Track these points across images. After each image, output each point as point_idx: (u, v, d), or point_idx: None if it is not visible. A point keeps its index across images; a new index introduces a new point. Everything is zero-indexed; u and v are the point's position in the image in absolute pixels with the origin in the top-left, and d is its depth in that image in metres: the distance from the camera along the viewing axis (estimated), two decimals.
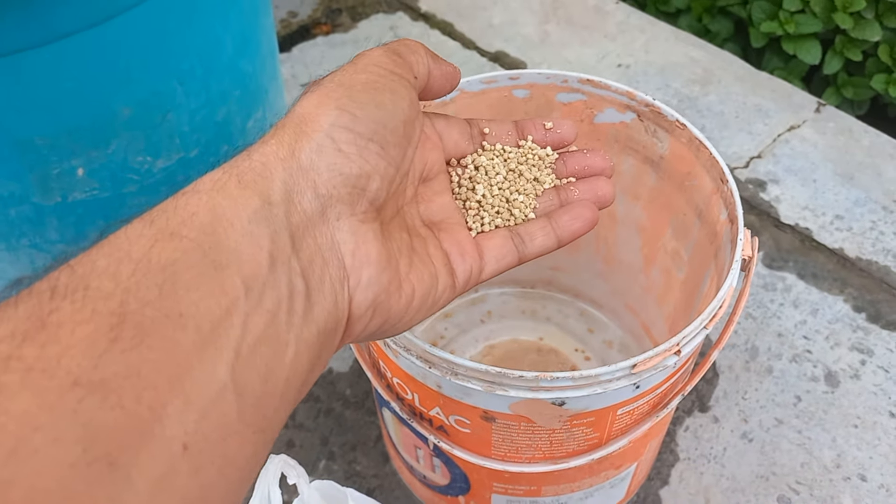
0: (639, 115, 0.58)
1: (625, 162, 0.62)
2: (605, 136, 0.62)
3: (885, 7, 1.12)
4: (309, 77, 1.03)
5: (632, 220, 0.66)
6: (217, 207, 0.27)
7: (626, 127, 0.60)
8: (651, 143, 0.59)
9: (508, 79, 0.60)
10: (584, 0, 1.13)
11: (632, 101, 0.58)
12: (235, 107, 0.66)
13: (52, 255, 0.64)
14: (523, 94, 0.61)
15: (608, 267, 0.71)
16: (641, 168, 0.61)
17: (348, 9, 1.15)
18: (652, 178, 0.61)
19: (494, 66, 1.04)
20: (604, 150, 0.62)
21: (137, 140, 0.59)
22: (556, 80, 0.59)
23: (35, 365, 0.21)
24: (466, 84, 0.60)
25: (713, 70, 1.02)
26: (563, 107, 0.61)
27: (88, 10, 0.49)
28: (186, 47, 0.58)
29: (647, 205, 0.63)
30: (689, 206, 0.58)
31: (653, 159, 0.60)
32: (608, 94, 0.58)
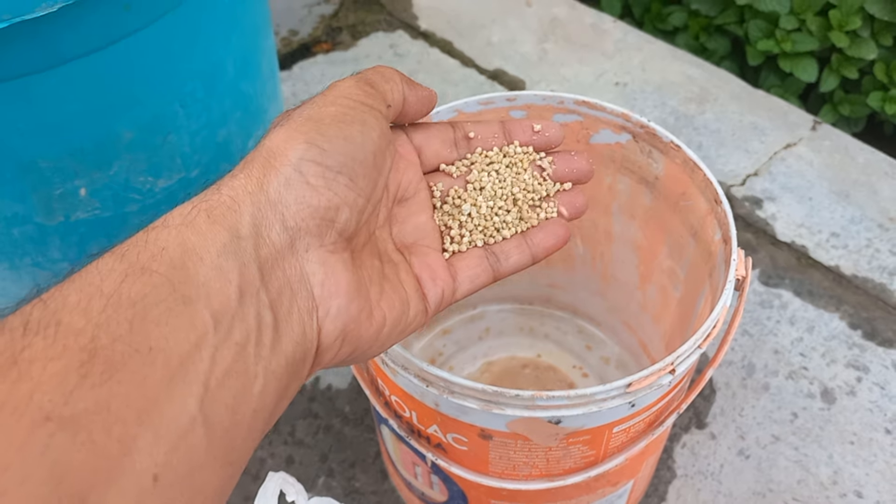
0: (634, 136, 0.59)
1: (620, 182, 0.63)
2: (601, 157, 0.62)
3: (881, 26, 1.14)
4: (309, 95, 1.04)
5: (628, 238, 0.66)
6: (186, 242, 0.28)
7: (622, 148, 0.60)
8: (646, 164, 0.60)
9: (505, 100, 0.61)
10: (581, 19, 1.14)
11: (627, 122, 0.58)
12: (236, 127, 0.67)
13: (55, 274, 0.65)
14: (520, 115, 0.62)
15: (605, 284, 0.72)
16: (637, 188, 0.62)
17: (349, 27, 1.16)
18: (647, 197, 0.62)
19: (493, 84, 1.05)
20: (600, 169, 0.63)
21: (139, 161, 0.60)
22: (553, 101, 0.60)
23: (7, 402, 0.22)
24: (464, 105, 0.60)
25: (710, 88, 1.03)
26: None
27: (93, 35, 0.50)
28: (189, 70, 0.59)
29: (642, 224, 0.64)
30: (683, 226, 0.59)
31: (648, 180, 0.61)
32: (604, 115, 0.59)
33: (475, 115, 0.61)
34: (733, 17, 1.18)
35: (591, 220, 0.68)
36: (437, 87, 1.05)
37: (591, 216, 0.67)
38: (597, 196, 0.65)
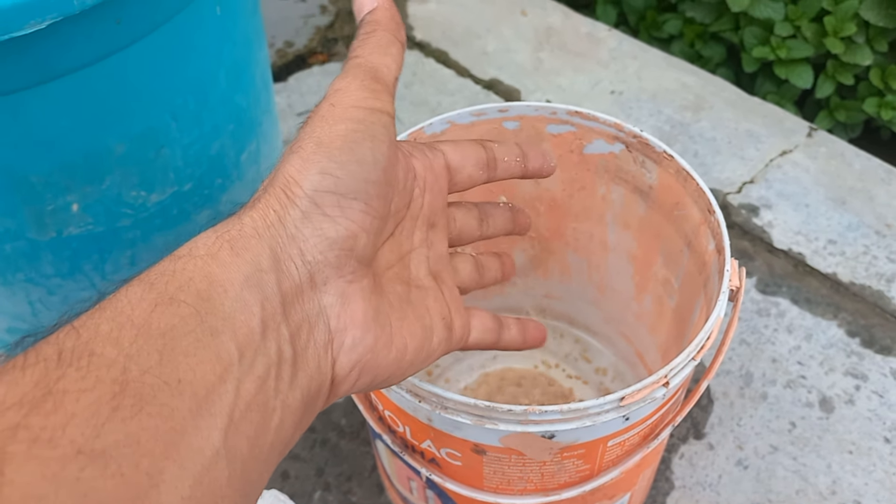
0: (627, 146, 0.59)
1: (615, 191, 0.63)
2: (595, 167, 0.62)
3: (876, 31, 1.14)
4: (305, 106, 1.04)
5: (623, 248, 0.66)
6: (212, 273, 0.28)
7: (615, 157, 0.60)
8: (640, 174, 0.60)
9: (498, 111, 0.61)
10: (576, 27, 1.14)
11: (620, 132, 0.58)
12: (229, 140, 0.66)
13: (48, 289, 0.65)
14: (513, 126, 0.62)
15: (601, 295, 0.72)
16: (631, 197, 0.62)
17: (344, 38, 1.16)
18: (642, 207, 0.62)
19: (488, 94, 1.05)
20: (594, 179, 0.64)
21: (132, 175, 0.59)
22: (545, 111, 0.60)
23: (41, 435, 0.22)
24: (457, 117, 0.60)
25: (705, 96, 1.03)
26: (552, 138, 0.62)
27: (83, 50, 0.50)
28: (181, 83, 0.59)
29: (637, 233, 0.64)
30: (678, 236, 0.58)
31: (642, 189, 0.60)
32: (596, 125, 0.59)
33: (468, 126, 0.61)
34: (728, 24, 1.18)
35: (586, 230, 0.68)
36: (432, 97, 1.05)
37: (587, 226, 0.67)
38: (591, 206, 0.65)
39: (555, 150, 0.63)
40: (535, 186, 0.66)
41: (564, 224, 0.68)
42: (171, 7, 0.54)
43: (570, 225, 0.68)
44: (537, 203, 0.67)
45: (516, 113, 0.61)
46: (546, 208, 0.68)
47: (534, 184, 0.66)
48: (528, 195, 0.67)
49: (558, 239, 0.70)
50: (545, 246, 0.71)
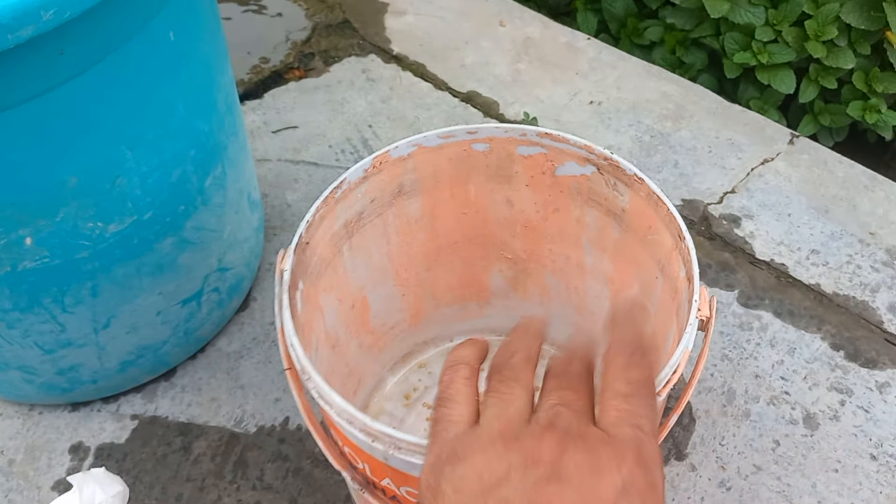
0: (598, 169, 0.58)
1: (589, 214, 0.62)
2: (568, 189, 0.61)
3: (858, 34, 1.12)
4: (280, 124, 1.02)
5: (600, 271, 0.65)
6: None
7: (588, 180, 0.59)
8: (612, 197, 0.58)
9: (466, 133, 0.59)
10: (555, 38, 1.12)
11: (591, 154, 0.57)
12: (191, 167, 0.65)
13: (7, 323, 0.63)
14: (483, 148, 0.61)
15: (581, 317, 0.70)
16: (605, 220, 0.61)
17: (320, 52, 1.15)
18: (616, 230, 0.60)
19: (466, 107, 1.04)
20: (568, 201, 0.62)
21: (87, 207, 0.58)
22: (515, 133, 0.59)
23: None
24: (423, 139, 0.59)
25: (685, 105, 1.01)
26: (523, 160, 0.61)
27: (27, 83, 0.49)
28: (134, 113, 0.57)
29: (613, 257, 0.62)
30: (652, 261, 0.57)
31: (615, 212, 0.59)
32: (567, 147, 0.58)
33: (436, 149, 0.60)
34: (709, 30, 1.17)
35: (563, 252, 0.66)
36: (409, 111, 1.04)
37: (563, 248, 0.66)
38: (566, 229, 0.64)
39: (526, 171, 0.61)
40: (508, 209, 0.65)
41: (541, 246, 0.67)
42: (119, 35, 0.52)
43: (546, 247, 0.67)
44: (512, 225, 0.66)
45: (486, 135, 0.59)
46: (521, 230, 0.66)
47: (507, 206, 0.65)
48: (503, 217, 0.65)
49: (535, 261, 0.68)
50: (523, 267, 0.69)
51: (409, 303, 0.70)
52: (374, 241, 0.63)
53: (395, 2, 1.20)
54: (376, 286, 0.66)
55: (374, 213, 0.61)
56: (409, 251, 0.66)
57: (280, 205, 0.93)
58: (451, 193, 0.63)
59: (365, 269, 0.64)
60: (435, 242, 0.67)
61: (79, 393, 0.74)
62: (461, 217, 0.66)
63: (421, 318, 0.72)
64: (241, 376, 0.77)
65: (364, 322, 0.67)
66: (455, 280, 0.70)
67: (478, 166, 0.62)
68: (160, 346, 0.73)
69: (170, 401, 0.76)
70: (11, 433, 0.74)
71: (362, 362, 0.68)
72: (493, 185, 0.63)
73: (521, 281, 0.70)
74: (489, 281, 0.71)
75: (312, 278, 0.56)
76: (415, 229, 0.65)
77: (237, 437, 0.73)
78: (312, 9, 1.22)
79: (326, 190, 0.56)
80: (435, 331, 0.75)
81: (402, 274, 0.67)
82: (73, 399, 0.75)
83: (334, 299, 0.61)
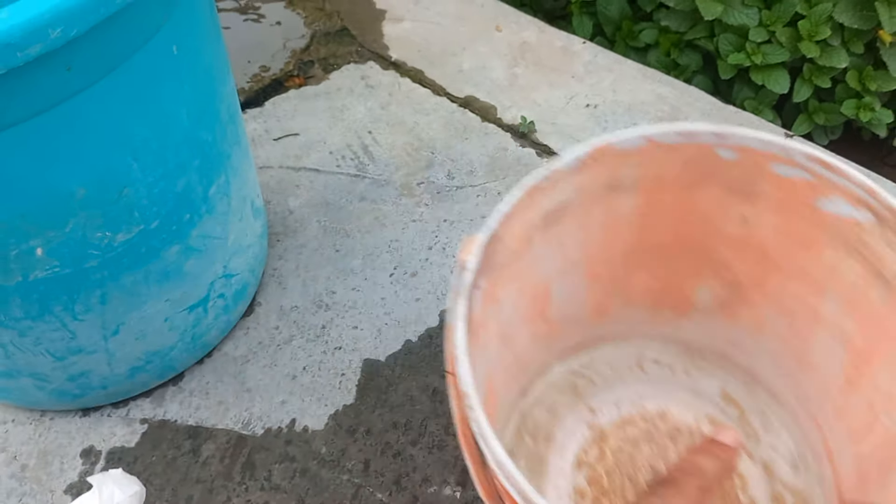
0: (878, 219, 0.49)
1: (845, 263, 0.53)
2: (828, 227, 0.52)
3: (851, 34, 1.14)
4: (281, 132, 1.04)
5: (840, 329, 0.56)
6: None
7: (858, 226, 0.50)
8: (888, 257, 0.49)
9: (713, 135, 0.52)
10: (551, 42, 1.14)
11: (872, 198, 0.49)
12: (195, 176, 0.67)
13: (19, 332, 0.65)
14: (729, 156, 0.53)
15: (797, 366, 0.61)
16: (867, 280, 0.52)
17: (320, 60, 1.16)
18: (878, 295, 0.51)
19: (464, 112, 1.05)
20: (822, 240, 0.53)
21: (95, 217, 0.59)
22: (775, 148, 0.51)
23: None
24: (658, 134, 0.52)
25: (680, 107, 1.03)
26: (778, 180, 0.53)
27: (35, 99, 0.50)
28: (140, 124, 0.59)
29: (863, 322, 0.54)
30: None
31: (886, 276, 0.50)
32: (841, 181, 0.49)
33: (670, 147, 0.53)
34: (703, 31, 1.18)
35: (797, 292, 0.58)
36: (409, 117, 1.05)
37: (799, 289, 0.57)
38: (811, 269, 0.56)
39: (776, 193, 0.53)
40: (742, 227, 0.57)
41: (770, 277, 0.59)
42: (124, 50, 0.54)
43: (776, 279, 0.58)
44: (742, 246, 0.58)
45: (737, 142, 0.52)
46: (752, 253, 0.58)
47: (741, 223, 0.57)
48: (732, 235, 0.58)
49: (758, 290, 0.60)
50: (739, 291, 0.62)
51: (596, 297, 0.64)
52: (571, 234, 0.57)
53: (392, 8, 1.22)
54: (563, 277, 0.60)
55: (578, 206, 0.56)
56: (609, 247, 0.60)
57: (282, 211, 0.94)
58: (676, 197, 0.57)
59: (554, 261, 0.58)
60: (641, 243, 0.60)
61: (89, 398, 0.75)
62: (680, 223, 0.59)
63: (605, 313, 0.66)
64: (248, 380, 0.79)
65: (542, 312, 0.61)
66: (655, 284, 0.64)
67: (716, 174, 0.54)
68: (168, 351, 0.75)
69: (178, 405, 0.77)
70: (24, 439, 0.75)
71: (531, 350, 0.63)
72: (729, 197, 0.56)
73: (734, 305, 0.63)
74: (695, 294, 0.64)
75: (496, 272, 0.51)
76: (622, 226, 0.59)
77: (245, 440, 0.75)
78: (311, 17, 1.23)
79: (530, 179, 0.51)
80: (617, 328, 0.68)
81: (595, 268, 0.62)
82: (83, 404, 0.77)
83: (514, 290, 0.55)
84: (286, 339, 0.82)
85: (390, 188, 0.96)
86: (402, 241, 0.90)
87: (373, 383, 0.78)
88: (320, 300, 0.85)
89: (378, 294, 0.86)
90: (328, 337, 0.82)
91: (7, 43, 0.44)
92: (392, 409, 0.76)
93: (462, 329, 0.45)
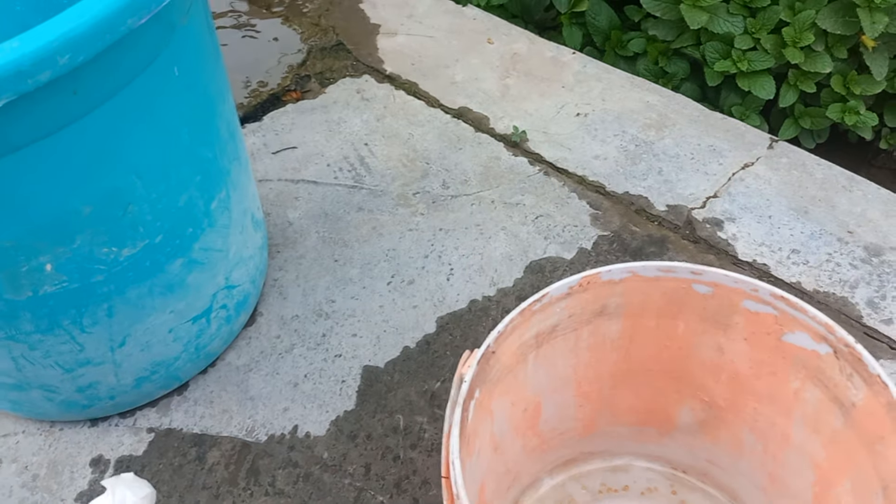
0: (835, 352, 0.54)
1: (809, 391, 0.58)
2: (792, 358, 0.58)
3: (834, 39, 1.16)
4: (279, 145, 1.07)
5: (807, 451, 0.60)
6: None
7: (818, 358, 0.55)
8: (844, 386, 0.54)
9: (690, 272, 0.58)
10: (541, 52, 1.17)
11: (830, 334, 0.54)
12: (197, 192, 0.69)
13: (29, 345, 0.67)
14: (705, 291, 0.59)
15: (772, 485, 0.65)
16: (827, 405, 0.57)
17: (316, 75, 1.19)
18: (838, 420, 0.56)
19: (458, 123, 1.08)
20: (788, 370, 0.58)
21: (101, 233, 0.62)
22: (745, 286, 0.57)
23: None
24: (641, 268, 0.58)
25: (668, 114, 1.05)
26: (748, 314, 0.58)
27: (43, 122, 0.53)
28: (143, 143, 0.61)
29: (827, 444, 0.58)
30: (873, 473, 0.53)
31: (843, 402, 0.55)
32: (803, 317, 0.55)
33: (651, 280, 0.59)
34: (690, 40, 1.21)
35: (769, 416, 0.62)
36: (403, 129, 1.08)
37: (770, 412, 0.62)
38: (779, 395, 0.61)
39: (747, 326, 0.59)
40: (717, 355, 0.62)
41: (745, 401, 0.63)
42: (127, 74, 0.56)
43: (751, 404, 0.63)
44: (717, 371, 0.63)
45: (711, 279, 0.58)
46: (727, 379, 0.63)
47: (716, 351, 0.62)
48: (709, 361, 0.63)
49: (735, 413, 0.65)
50: (719, 414, 0.66)
51: (585, 414, 0.69)
52: (562, 353, 0.63)
53: (386, 23, 1.25)
54: (554, 394, 0.65)
55: (569, 328, 0.61)
56: (598, 367, 0.65)
57: (282, 223, 0.97)
58: (657, 324, 0.62)
59: (546, 378, 0.63)
60: (627, 364, 0.66)
61: (97, 409, 0.78)
62: (663, 348, 0.64)
63: (593, 429, 0.70)
64: (251, 388, 0.81)
65: (533, 425, 0.66)
66: (640, 404, 0.68)
67: (693, 306, 0.60)
68: (173, 361, 0.77)
69: (183, 413, 0.80)
70: (34, 449, 0.78)
71: (522, 462, 0.67)
72: (705, 327, 0.61)
73: (714, 426, 0.67)
74: (677, 415, 0.68)
75: (490, 385, 0.56)
76: (609, 349, 0.64)
77: (249, 446, 0.77)
78: (307, 32, 1.26)
79: (525, 303, 0.56)
80: (605, 444, 0.72)
81: (584, 387, 0.67)
82: (91, 415, 0.79)
83: (507, 403, 0.60)
84: (287, 347, 0.84)
85: (387, 198, 0.99)
86: (399, 250, 0.93)
87: (372, 389, 0.80)
88: (320, 309, 0.87)
89: (376, 302, 0.88)
90: (328, 345, 0.84)
91: (19, 70, 0.47)
92: (391, 414, 0.78)
93: (457, 436, 0.49)
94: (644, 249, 0.90)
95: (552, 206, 0.96)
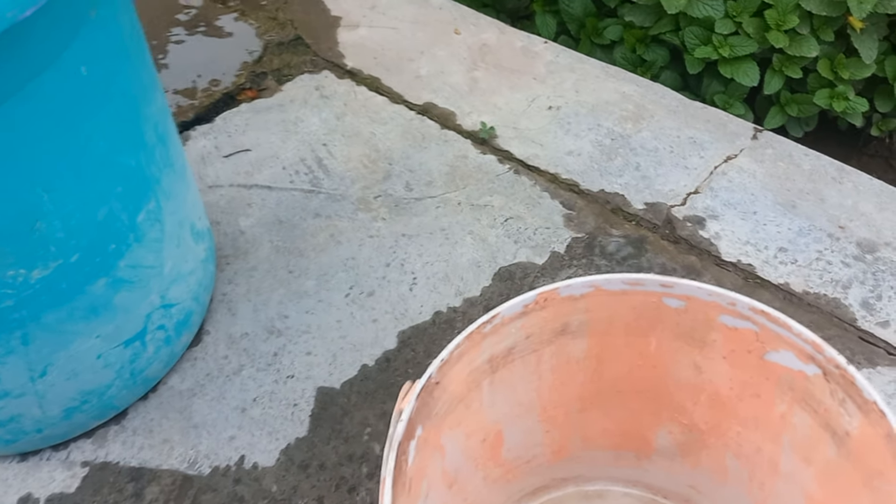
0: (825, 373, 0.49)
1: (797, 416, 0.53)
2: (777, 379, 0.52)
3: (820, 21, 1.10)
4: (232, 147, 1.00)
5: (798, 481, 0.55)
6: None
7: (806, 379, 0.50)
8: (836, 412, 0.49)
9: (660, 285, 0.52)
10: (511, 43, 1.10)
11: (818, 353, 0.49)
12: (119, 204, 0.62)
13: None
14: (677, 305, 0.53)
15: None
16: (818, 432, 0.51)
17: (273, 71, 1.12)
18: (831, 450, 0.51)
19: (423, 119, 1.01)
20: (772, 391, 0.53)
21: (6, 255, 0.55)
22: (721, 300, 0.51)
23: None
24: (604, 282, 0.52)
25: (645, 105, 0.99)
26: (726, 330, 0.53)
27: None
28: (48, 152, 0.55)
29: (819, 475, 0.53)
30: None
31: (835, 430, 0.50)
32: (787, 334, 0.50)
33: (617, 294, 0.53)
34: (669, 25, 1.14)
35: (754, 441, 0.57)
36: (365, 128, 1.01)
37: (755, 437, 0.57)
38: (764, 419, 0.55)
39: (726, 343, 0.54)
40: (695, 374, 0.57)
41: (727, 424, 0.58)
42: (20, 76, 0.50)
43: (734, 427, 0.58)
44: (696, 392, 0.58)
45: (683, 292, 0.52)
46: (706, 400, 0.58)
47: (693, 370, 0.57)
48: (686, 381, 0.58)
49: (717, 437, 0.59)
50: (699, 438, 0.61)
51: (553, 439, 0.63)
52: (521, 377, 0.57)
53: (347, 15, 1.18)
54: (516, 420, 0.60)
55: (527, 349, 0.56)
56: (563, 390, 0.60)
57: (233, 232, 0.90)
58: (627, 342, 0.57)
59: (506, 404, 0.58)
60: (596, 385, 0.60)
61: (24, 443, 0.71)
62: (634, 367, 0.59)
63: (564, 455, 0.65)
64: (194, 415, 0.74)
65: (495, 455, 0.61)
66: (614, 427, 0.63)
67: (666, 322, 0.55)
68: (105, 389, 0.70)
69: (121, 445, 0.73)
70: None
71: (484, 494, 0.62)
72: (680, 344, 0.56)
73: (694, 450, 0.62)
74: (654, 438, 0.63)
75: (437, 419, 0.51)
76: (574, 370, 0.59)
77: (191, 480, 0.70)
78: (264, 27, 1.19)
79: (473, 325, 0.51)
80: (579, 469, 0.66)
81: (550, 411, 0.61)
82: (19, 449, 0.72)
83: (461, 435, 0.55)
84: (235, 369, 0.77)
85: (346, 203, 0.92)
86: (359, 259, 0.86)
87: (327, 413, 0.74)
88: (272, 326, 0.81)
89: (333, 316, 0.81)
90: (280, 365, 0.78)
91: None
92: (347, 441, 0.72)
93: (389, 483, 0.44)
94: (620, 252, 0.84)
95: (523, 206, 0.89)
